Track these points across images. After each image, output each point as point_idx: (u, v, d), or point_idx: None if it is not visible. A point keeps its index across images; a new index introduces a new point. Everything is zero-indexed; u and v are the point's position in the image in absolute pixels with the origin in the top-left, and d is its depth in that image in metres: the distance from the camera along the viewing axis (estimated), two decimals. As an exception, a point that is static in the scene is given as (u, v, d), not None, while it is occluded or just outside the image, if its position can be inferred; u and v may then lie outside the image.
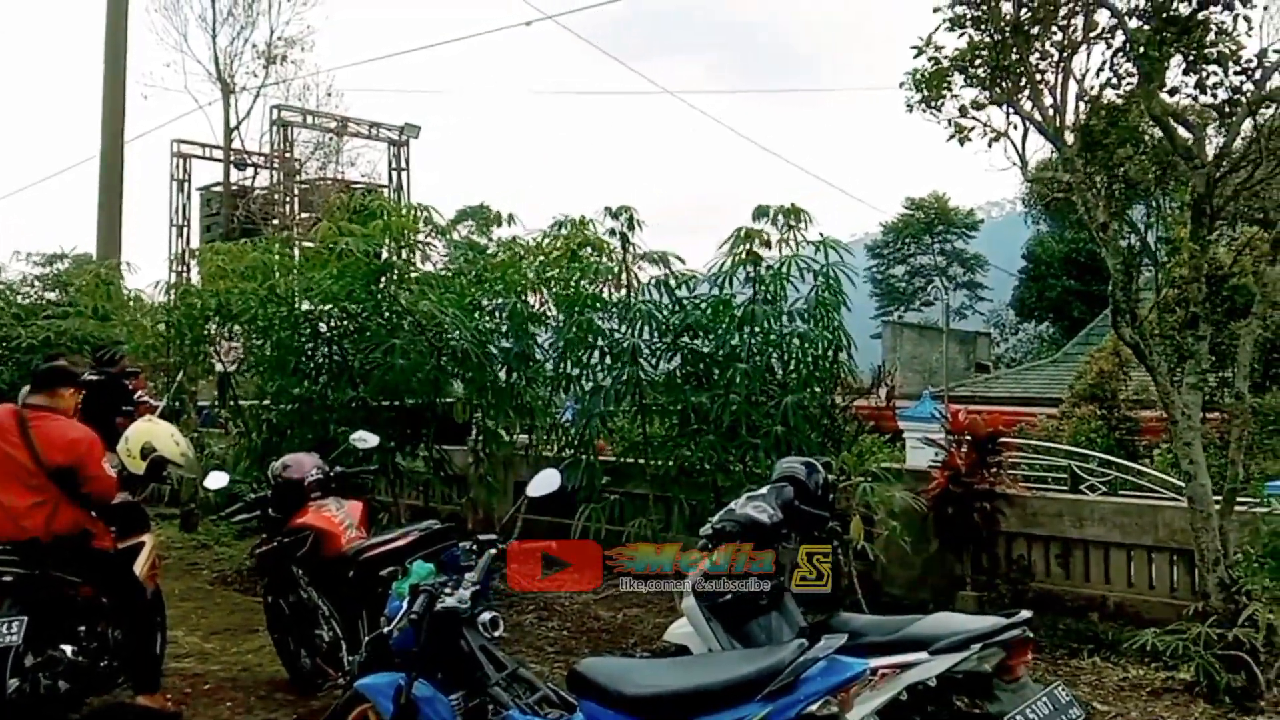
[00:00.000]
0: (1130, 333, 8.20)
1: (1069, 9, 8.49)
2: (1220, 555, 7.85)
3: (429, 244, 12.17)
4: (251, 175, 34.11)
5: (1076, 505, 9.97)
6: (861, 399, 11.32)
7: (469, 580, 5.04)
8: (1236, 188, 8.14)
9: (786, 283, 10.06)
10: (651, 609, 10.65)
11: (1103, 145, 8.63)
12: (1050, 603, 9.58)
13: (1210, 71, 8.17)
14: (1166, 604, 8.97)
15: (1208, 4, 8.01)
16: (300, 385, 11.76)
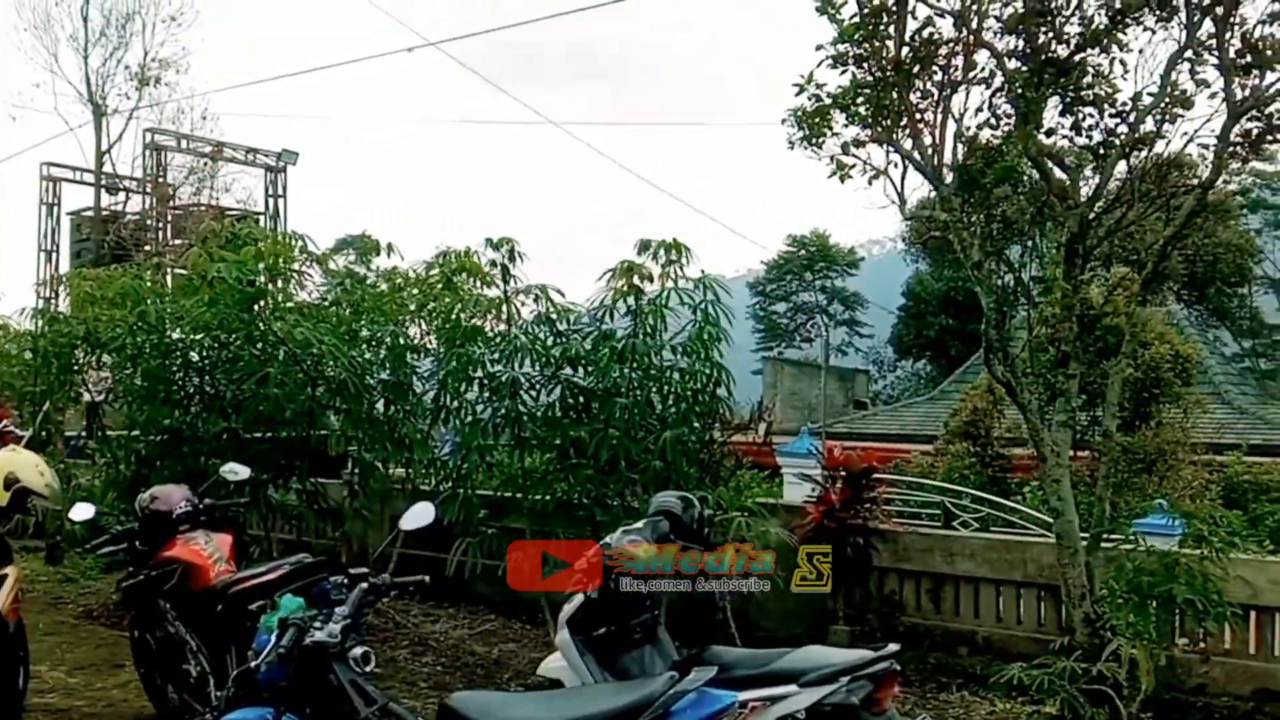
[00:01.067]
0: (1002, 370, 8.38)
1: (949, 49, 8.67)
2: (1086, 591, 8.03)
3: (305, 273, 12.03)
4: (123, 200, 33.51)
5: (947, 541, 10.16)
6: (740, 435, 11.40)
7: (339, 614, 4.97)
8: (1110, 228, 8.39)
9: (667, 317, 10.11)
10: (527, 644, 10.63)
11: (980, 185, 8.81)
12: (921, 637, 9.74)
13: (1086, 113, 8.41)
14: (1034, 639, 9.16)
15: (1085, 47, 8.25)
16: (170, 415, 11.54)
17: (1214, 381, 27.59)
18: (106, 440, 12.75)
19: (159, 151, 33.23)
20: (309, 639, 4.79)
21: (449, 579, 9.83)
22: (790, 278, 67.33)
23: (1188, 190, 8.19)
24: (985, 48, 8.47)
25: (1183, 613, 7.87)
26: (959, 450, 19.95)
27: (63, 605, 12.57)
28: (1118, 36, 8.18)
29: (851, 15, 8.72)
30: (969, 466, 19.20)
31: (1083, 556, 8.09)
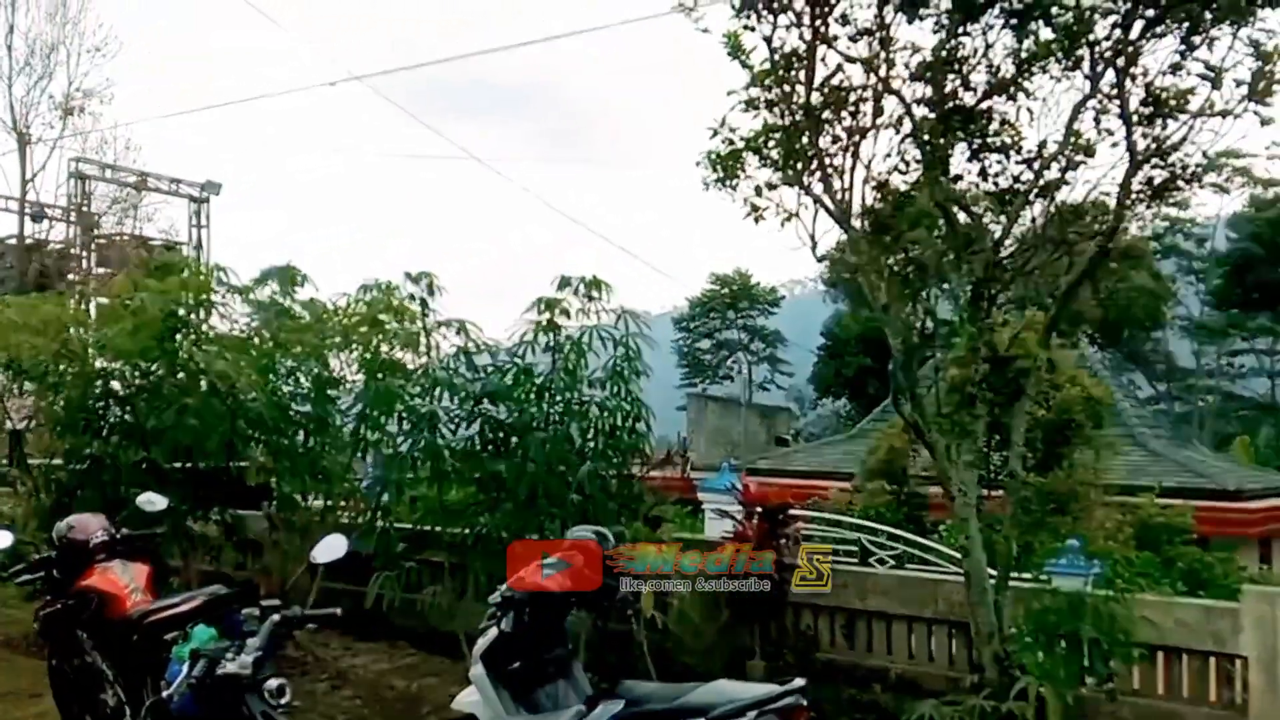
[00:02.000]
0: (910, 411, 8.48)
1: (859, 95, 8.80)
2: (995, 629, 8.12)
3: (225, 303, 11.94)
4: (47, 229, 33.14)
5: (861, 578, 10.18)
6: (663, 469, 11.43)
7: (252, 646, 4.96)
8: (1015, 273, 8.52)
9: (586, 352, 10.13)
10: (447, 678, 10.52)
11: (889, 229, 8.94)
12: (836, 673, 9.73)
13: (993, 160, 8.57)
14: (946, 676, 9.19)
15: (992, 94, 8.41)
16: (91, 444, 11.44)
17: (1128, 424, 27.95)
18: (28, 468, 12.56)
19: (83, 180, 32.96)
20: (220, 670, 4.77)
21: (370, 613, 9.77)
22: (713, 315, 67.79)
23: (1091, 236, 8.34)
24: (894, 95, 8.60)
25: (1090, 652, 7.96)
26: (875, 488, 20.06)
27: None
28: (1024, 85, 8.35)
29: (762, 61, 8.86)
30: (886, 504, 19.30)
31: (991, 595, 8.18)
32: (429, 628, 10.67)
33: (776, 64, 8.79)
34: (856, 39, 8.70)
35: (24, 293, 19.44)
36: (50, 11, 33.01)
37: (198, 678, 4.72)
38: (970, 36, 8.38)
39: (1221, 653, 8.21)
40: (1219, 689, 8.28)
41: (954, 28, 8.28)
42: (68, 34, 32.91)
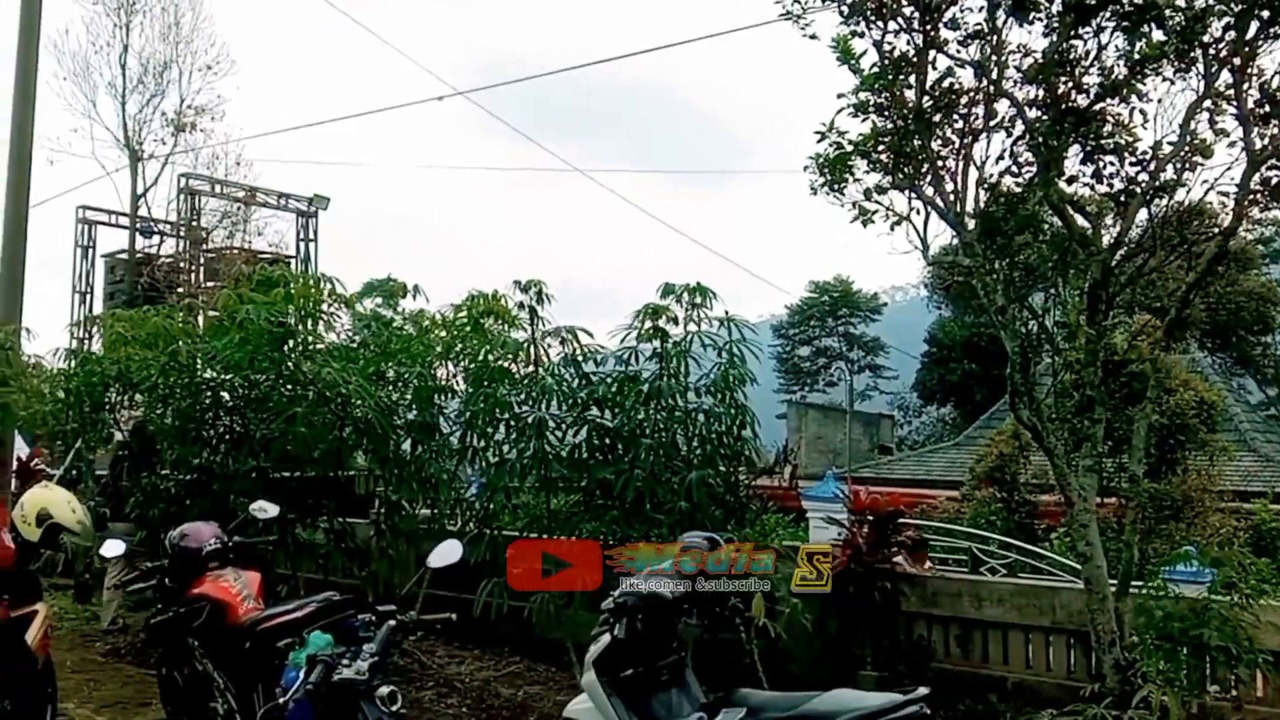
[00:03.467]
0: (1028, 415, 8.33)
1: (970, 98, 8.70)
2: (1116, 637, 7.95)
3: (333, 314, 12.06)
4: (157, 243, 33.82)
5: (976, 586, 10.04)
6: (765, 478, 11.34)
7: (367, 652, 4.98)
8: (1131, 275, 8.35)
9: (691, 359, 10.10)
10: (552, 685, 10.56)
11: (1002, 231, 8.81)
12: (950, 683, 9.59)
13: (1107, 162, 8.42)
14: (1063, 685, 9.02)
15: (1105, 96, 8.26)
16: (200, 454, 11.61)
17: (1239, 429, 27.39)
18: (136, 479, 12.77)
19: (193, 196, 33.61)
20: (336, 676, 4.78)
21: (475, 620, 9.78)
22: (813, 322, 67.34)
23: (1209, 238, 8.16)
24: (1005, 97, 8.51)
25: (1213, 659, 7.76)
26: (985, 496, 19.78)
27: (91, 643, 12.57)
28: (1137, 86, 8.19)
29: (872, 65, 8.79)
30: (995, 512, 19.01)
31: (1112, 602, 8.02)
32: (534, 635, 10.66)
33: (886, 68, 8.73)
34: (966, 43, 8.63)
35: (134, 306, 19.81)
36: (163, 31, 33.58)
37: (314, 684, 4.74)
38: (1082, 39, 8.28)
39: (1354, 659, 7.97)
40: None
41: (1066, 30, 8.17)
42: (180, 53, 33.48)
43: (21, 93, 15.13)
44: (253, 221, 34.83)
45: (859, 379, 66.72)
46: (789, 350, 68.56)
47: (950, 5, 8.56)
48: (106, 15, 33.15)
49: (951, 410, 51.27)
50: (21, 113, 15.08)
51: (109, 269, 34.35)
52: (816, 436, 38.52)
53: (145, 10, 33.44)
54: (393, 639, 5.15)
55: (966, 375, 46.65)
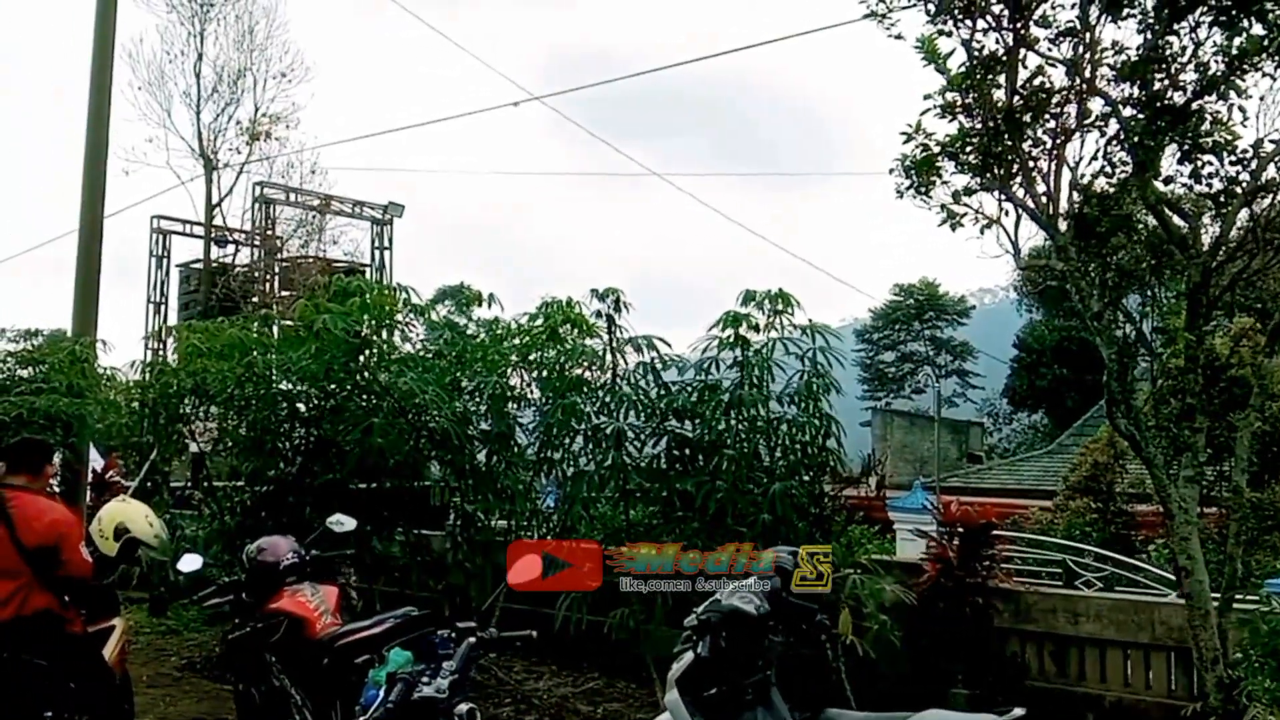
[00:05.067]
0: (1125, 424, 8.19)
1: (1062, 97, 8.58)
2: (1219, 654, 7.79)
3: (408, 324, 12.15)
4: (232, 252, 34.31)
5: (1071, 601, 9.89)
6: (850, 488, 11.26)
7: (447, 669, 4.98)
8: (1233, 278, 8.19)
9: (773, 367, 10.06)
10: (632, 703, 10.54)
11: (1096, 233, 8.68)
12: (1045, 701, 9.46)
13: (1205, 161, 8.26)
14: (1164, 704, 8.90)
15: (1203, 94, 8.11)
16: (276, 466, 11.74)
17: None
18: (212, 491, 12.93)
19: (268, 205, 34.04)
20: (417, 694, 4.79)
21: (554, 636, 9.80)
22: (898, 327, 66.86)
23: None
24: (1099, 95, 8.37)
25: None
26: (1079, 506, 19.50)
27: (165, 657, 12.73)
28: (1235, 83, 8.02)
29: (960, 65, 8.70)
30: (1090, 523, 18.74)
31: (1214, 618, 7.86)
32: (612, 651, 10.64)
33: (974, 68, 8.63)
34: (1058, 40, 8.50)
35: (209, 317, 20.06)
36: (237, 39, 34.09)
37: (395, 702, 4.74)
38: (1177, 35, 8.13)
39: None
40: None
41: (1161, 26, 8.04)
42: (254, 60, 33.98)
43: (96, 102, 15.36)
44: (327, 230, 35.25)
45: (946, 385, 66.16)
46: (873, 355, 68.12)
47: (1041, 3, 8.45)
48: (181, 24, 33.84)
49: (1042, 417, 50.61)
50: (97, 122, 15.31)
51: (184, 279, 34.84)
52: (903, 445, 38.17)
53: (220, 18, 34.10)
54: (473, 655, 5.15)
55: (1057, 380, 46.01)
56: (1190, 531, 7.95)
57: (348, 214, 35.52)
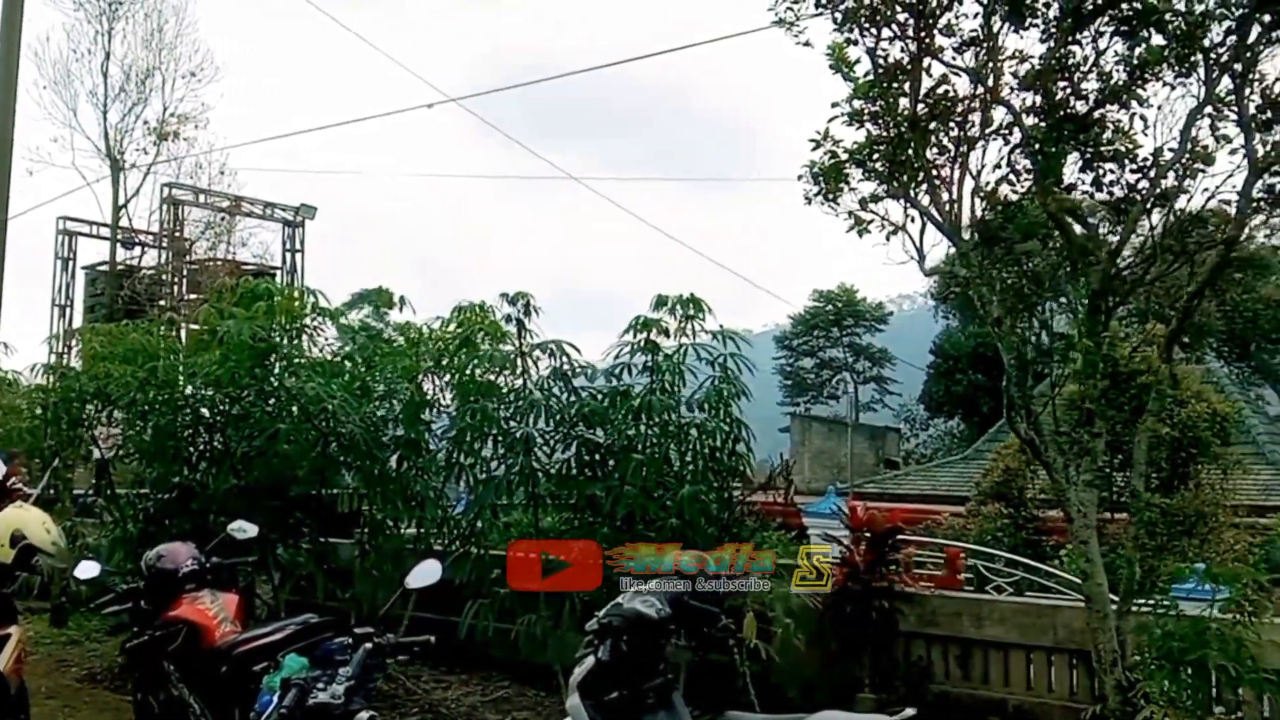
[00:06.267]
0: (1025, 429, 8.40)
1: (965, 105, 8.77)
2: (1118, 657, 8.00)
3: (318, 328, 12.13)
4: (139, 254, 33.88)
5: (976, 605, 10.10)
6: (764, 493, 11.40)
7: (343, 675, 5.03)
8: (1131, 285, 8.41)
9: (684, 373, 10.17)
10: (541, 711, 10.59)
11: (1000, 240, 8.88)
12: (950, 705, 9.68)
13: (1107, 169, 8.49)
14: (1066, 707, 9.11)
15: (1105, 102, 8.34)
16: (180, 473, 11.66)
17: (1257, 441, 27.41)
18: (115, 498, 12.82)
19: (176, 206, 33.71)
20: (311, 700, 4.83)
21: (462, 644, 9.85)
22: (817, 333, 67.40)
23: (1211, 246, 8.22)
24: (1002, 104, 8.57)
25: (1217, 680, 7.81)
26: (991, 511, 19.85)
27: (67, 668, 12.57)
28: (1137, 92, 8.26)
29: (865, 73, 8.88)
30: (1002, 529, 19.09)
31: (1113, 621, 8.07)
32: (523, 658, 10.65)
33: (880, 77, 8.82)
34: (962, 49, 8.71)
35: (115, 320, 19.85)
36: (146, 38, 33.73)
37: (288, 708, 4.80)
38: (1079, 44, 8.36)
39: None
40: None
41: (1063, 35, 8.26)
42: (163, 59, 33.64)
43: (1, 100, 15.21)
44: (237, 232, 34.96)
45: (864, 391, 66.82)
46: (792, 362, 68.62)
47: (945, 11, 8.65)
48: (88, 22, 33.50)
49: (959, 423, 51.29)
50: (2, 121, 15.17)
51: (90, 281, 34.45)
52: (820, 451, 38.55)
53: (128, 16, 33.71)
54: (370, 662, 5.20)
55: (973, 386, 46.62)
56: (1089, 535, 8.17)
57: (259, 215, 35.32)
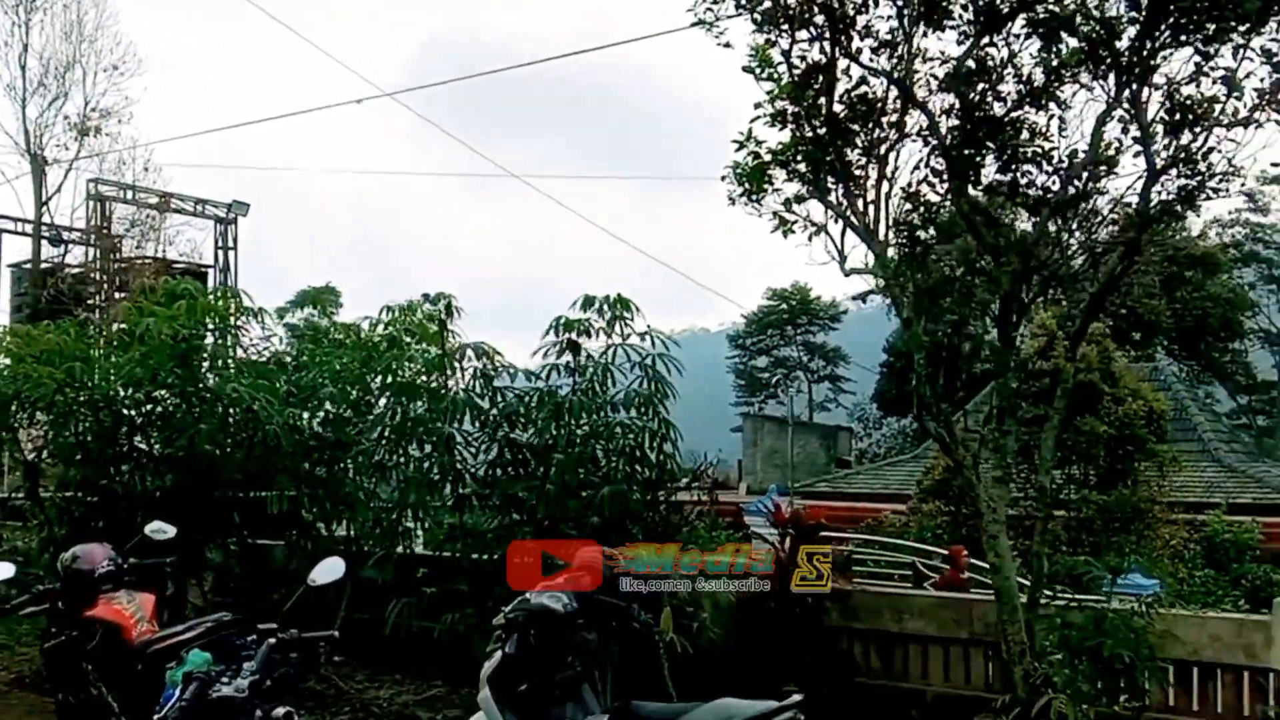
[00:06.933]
0: (935, 426, 8.72)
1: (882, 107, 9.06)
2: (1026, 648, 8.33)
3: (242, 328, 12.30)
4: (64, 252, 33.64)
5: (897, 600, 10.42)
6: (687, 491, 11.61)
7: (248, 670, 5.21)
8: (1041, 285, 8.76)
9: (613, 373, 10.40)
10: (474, 709, 10.76)
11: (919, 242, 9.20)
12: (873, 697, 9.95)
13: (1025, 170, 8.80)
14: (981, 697, 9.38)
15: (1022, 104, 8.65)
16: (104, 474, 11.78)
17: (1203, 438, 27.87)
18: (40, 501, 12.93)
19: (102, 202, 33.55)
20: (214, 693, 5.02)
21: (395, 644, 10.04)
22: (771, 332, 67.63)
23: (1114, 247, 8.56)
24: (918, 107, 8.88)
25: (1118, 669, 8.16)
26: (931, 509, 20.24)
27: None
28: (1055, 94, 8.59)
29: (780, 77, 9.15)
30: (941, 525, 19.47)
31: (1022, 613, 8.39)
32: (456, 658, 10.78)
33: (798, 79, 9.07)
34: (879, 51, 8.99)
35: (39, 319, 19.83)
36: (65, 30, 33.58)
37: (189, 701, 4.96)
38: (996, 46, 8.67)
39: (1255, 667, 8.48)
40: (1252, 704, 8.51)
41: (976, 36, 8.57)
42: (84, 52, 33.50)
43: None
44: (166, 229, 34.80)
45: (818, 390, 67.17)
46: (746, 361, 68.87)
47: (861, 14, 8.91)
48: (4, 13, 33.48)
49: (911, 422, 51.64)
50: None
51: (15, 280, 34.14)
52: (772, 450, 38.77)
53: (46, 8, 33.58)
54: (275, 656, 5.37)
55: (926, 385, 46.93)
56: (999, 530, 8.51)
57: (189, 212, 35.24)
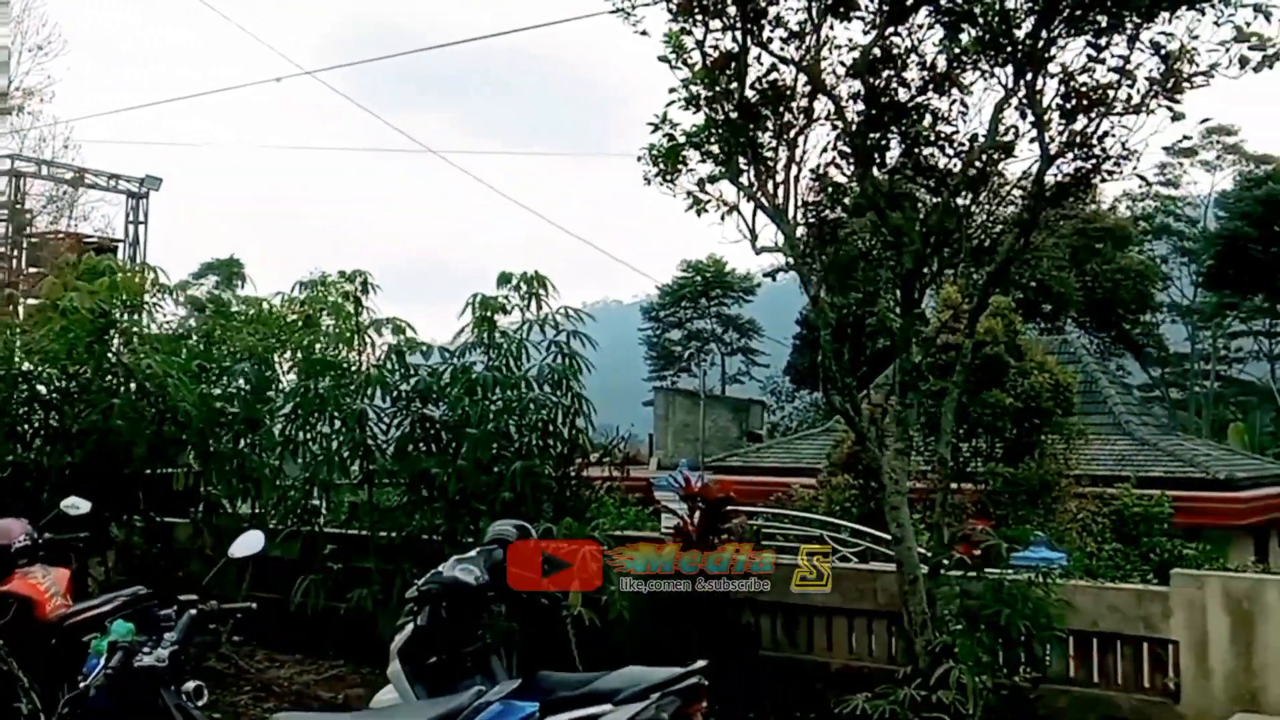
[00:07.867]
0: (840, 400, 8.95)
1: (792, 93, 9.26)
2: (928, 619, 8.57)
3: (156, 304, 12.27)
4: (-22, 229, 33.29)
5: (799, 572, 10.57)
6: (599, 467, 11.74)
7: (169, 640, 5.34)
8: (941, 265, 9.01)
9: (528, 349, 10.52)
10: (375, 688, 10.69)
11: (826, 222, 9.42)
12: (778, 670, 10.11)
13: (928, 154, 9.05)
14: (884, 669, 9.52)
15: (926, 89, 8.90)
16: (15, 450, 11.74)
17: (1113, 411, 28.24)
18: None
19: (18, 178, 33.23)
20: (137, 662, 5.14)
21: (298, 623, 10.08)
22: (685, 304, 67.74)
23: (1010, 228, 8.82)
24: (825, 94, 9.11)
25: (1017, 639, 8.41)
26: (841, 483, 20.42)
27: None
28: (958, 80, 8.84)
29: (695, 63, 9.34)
30: (850, 499, 19.65)
31: (923, 584, 8.63)
32: (357, 637, 10.71)
33: (710, 66, 9.27)
34: (789, 40, 9.19)
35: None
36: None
37: (114, 669, 5.09)
38: (901, 36, 8.92)
39: (1153, 637, 8.74)
40: (1152, 675, 8.79)
41: (883, 28, 8.80)
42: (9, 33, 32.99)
43: None
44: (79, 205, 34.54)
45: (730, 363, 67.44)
46: (659, 334, 68.98)
47: (772, 4, 9.11)
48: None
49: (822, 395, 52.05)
50: None
51: (-69, 255, 33.76)
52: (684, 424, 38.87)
53: (-28, -10, 32.88)
54: (194, 627, 5.50)
55: (837, 358, 47.31)
56: (900, 501, 8.73)
57: (103, 187, 35.03)
